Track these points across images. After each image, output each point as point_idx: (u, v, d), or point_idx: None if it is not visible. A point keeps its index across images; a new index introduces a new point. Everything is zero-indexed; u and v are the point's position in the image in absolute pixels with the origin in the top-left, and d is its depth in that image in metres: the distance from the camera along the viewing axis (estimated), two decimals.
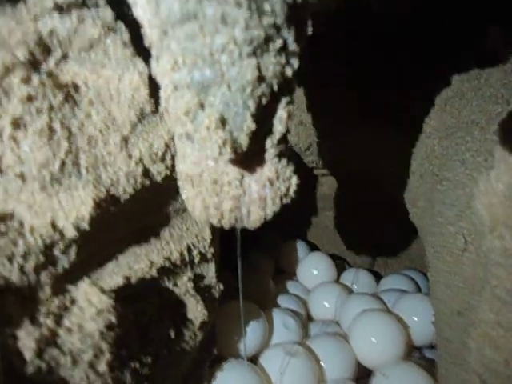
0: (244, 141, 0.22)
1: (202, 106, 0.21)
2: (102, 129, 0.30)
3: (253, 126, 0.22)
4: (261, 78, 0.21)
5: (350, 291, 0.63)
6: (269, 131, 0.23)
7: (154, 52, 0.22)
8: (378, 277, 0.68)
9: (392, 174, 0.59)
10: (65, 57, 0.30)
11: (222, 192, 0.24)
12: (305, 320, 0.57)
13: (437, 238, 0.47)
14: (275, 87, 0.22)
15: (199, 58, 0.20)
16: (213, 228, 0.42)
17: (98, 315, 0.27)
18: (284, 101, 0.22)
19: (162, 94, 0.22)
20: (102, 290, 0.28)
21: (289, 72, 0.22)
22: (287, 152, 0.24)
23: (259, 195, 0.24)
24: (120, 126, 0.31)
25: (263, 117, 0.22)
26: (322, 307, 0.59)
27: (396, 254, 0.71)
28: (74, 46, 0.30)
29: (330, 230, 0.71)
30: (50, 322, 0.26)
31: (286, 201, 0.24)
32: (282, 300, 0.59)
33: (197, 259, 0.40)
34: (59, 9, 0.30)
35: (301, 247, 0.70)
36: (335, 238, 0.70)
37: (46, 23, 0.29)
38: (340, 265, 0.69)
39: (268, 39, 0.21)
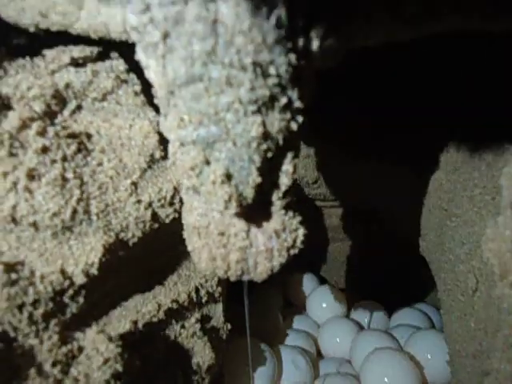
0: (250, 194, 0.23)
1: (207, 162, 0.22)
2: (113, 175, 0.31)
3: (258, 180, 0.22)
4: (266, 134, 0.22)
5: (361, 327, 0.61)
6: (275, 184, 0.24)
7: (161, 109, 0.23)
8: (389, 310, 0.67)
9: (400, 207, 0.59)
10: (79, 107, 0.32)
11: (229, 243, 0.24)
12: (315, 358, 0.56)
13: (448, 276, 0.46)
14: (280, 142, 0.22)
15: (204, 117, 0.21)
16: None
17: (105, 364, 0.27)
18: (289, 155, 0.23)
19: (170, 148, 0.23)
20: (110, 338, 0.28)
21: (294, 127, 0.22)
22: (294, 203, 0.24)
23: (266, 247, 0.24)
24: (130, 172, 0.32)
25: (269, 170, 0.23)
26: (333, 344, 0.58)
27: (407, 287, 0.69)
28: (88, 97, 0.32)
29: (339, 263, 0.70)
30: (56, 372, 0.26)
31: (294, 252, 0.24)
32: (292, 336, 0.58)
33: (204, 299, 0.39)
34: (75, 63, 0.31)
35: (309, 280, 0.69)
36: (344, 271, 0.69)
37: (62, 77, 0.31)
38: (350, 298, 0.68)
39: (273, 98, 0.21)
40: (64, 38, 0.32)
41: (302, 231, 0.24)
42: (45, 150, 0.28)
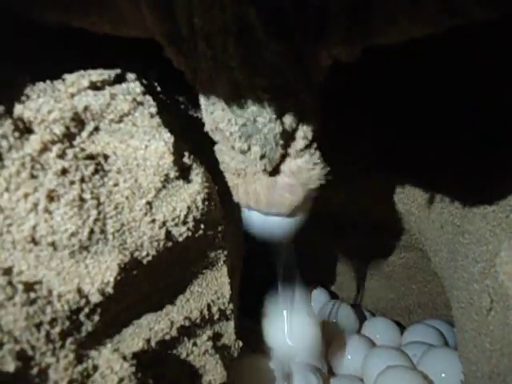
0: (277, 159, 0.30)
1: (249, 148, 0.30)
2: (129, 195, 0.32)
3: (283, 152, 0.30)
4: (284, 129, 0.28)
5: (372, 343, 0.61)
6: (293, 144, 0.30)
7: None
8: (400, 326, 0.66)
9: (410, 221, 0.59)
10: (97, 129, 0.33)
11: (259, 180, 0.31)
12: (326, 375, 0.55)
13: (462, 294, 0.45)
14: (295, 126, 0.29)
15: (247, 121, 0.29)
16: (232, 282, 0.42)
17: (119, 383, 0.28)
18: (303, 128, 0.29)
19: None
20: (124, 357, 0.29)
21: (308, 124, 0.29)
22: (312, 147, 0.29)
23: (287, 183, 0.30)
24: (145, 191, 0.32)
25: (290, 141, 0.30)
26: (344, 361, 0.57)
27: (419, 303, 0.68)
28: (106, 119, 0.33)
29: (349, 278, 0.70)
30: None
31: (310, 187, 0.30)
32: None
33: (216, 316, 0.40)
34: (94, 86, 0.32)
35: (320, 295, 0.69)
36: (355, 286, 0.69)
37: (81, 100, 0.32)
38: (360, 313, 0.67)
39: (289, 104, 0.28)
40: (84, 61, 0.33)
41: (319, 166, 0.29)
42: (64, 171, 0.29)
